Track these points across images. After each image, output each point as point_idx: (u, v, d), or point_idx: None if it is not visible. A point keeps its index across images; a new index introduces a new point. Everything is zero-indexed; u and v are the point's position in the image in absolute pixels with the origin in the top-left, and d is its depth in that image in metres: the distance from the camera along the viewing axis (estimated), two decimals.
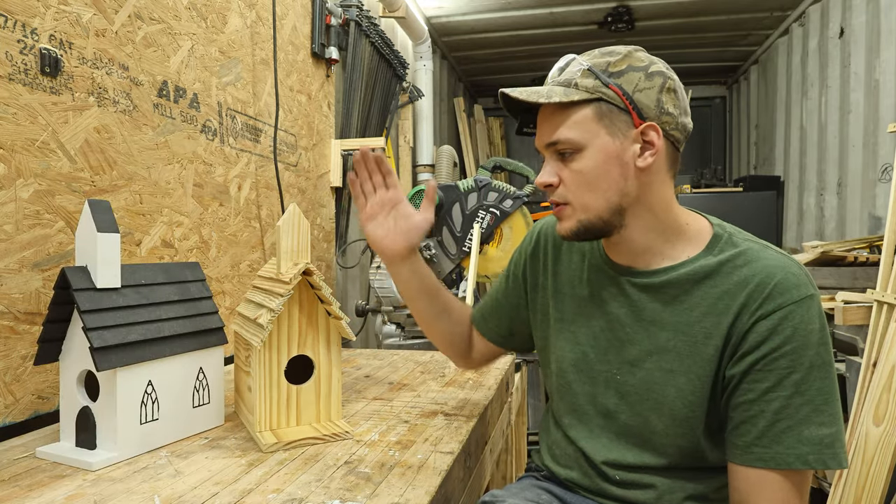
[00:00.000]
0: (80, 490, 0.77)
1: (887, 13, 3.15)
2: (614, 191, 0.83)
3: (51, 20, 1.09)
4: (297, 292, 0.98)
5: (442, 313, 1.08)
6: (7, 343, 1.02)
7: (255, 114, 1.83)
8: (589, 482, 0.93)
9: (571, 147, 0.83)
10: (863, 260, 2.64)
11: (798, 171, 4.31)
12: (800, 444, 0.74)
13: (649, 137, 0.82)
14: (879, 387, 1.75)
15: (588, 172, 0.83)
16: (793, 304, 0.76)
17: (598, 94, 0.81)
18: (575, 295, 0.96)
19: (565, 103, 0.82)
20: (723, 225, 0.88)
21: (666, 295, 0.85)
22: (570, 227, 0.86)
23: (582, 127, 0.82)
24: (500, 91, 0.85)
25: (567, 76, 0.84)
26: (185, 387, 0.97)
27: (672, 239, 0.87)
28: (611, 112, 0.81)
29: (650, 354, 0.86)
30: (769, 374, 0.76)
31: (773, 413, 0.76)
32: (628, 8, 4.28)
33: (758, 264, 0.80)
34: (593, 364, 0.92)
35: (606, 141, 0.82)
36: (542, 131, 0.87)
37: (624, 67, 0.82)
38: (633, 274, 0.88)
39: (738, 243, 0.84)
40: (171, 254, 1.42)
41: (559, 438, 0.99)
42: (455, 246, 2.16)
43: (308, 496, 0.75)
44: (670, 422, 0.84)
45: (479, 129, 5.98)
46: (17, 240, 1.03)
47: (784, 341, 0.76)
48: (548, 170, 0.86)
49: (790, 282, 0.78)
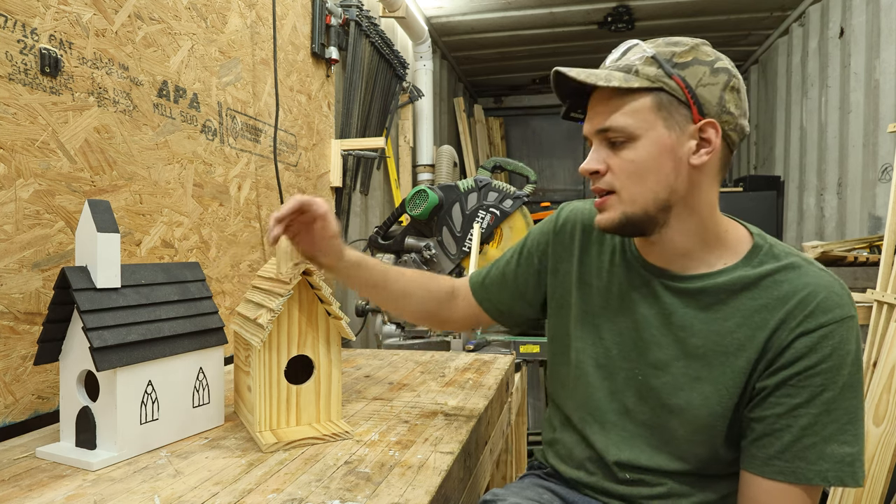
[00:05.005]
0: (80, 490, 0.77)
1: (887, 13, 3.15)
2: (663, 185, 0.80)
3: (51, 20, 1.09)
4: (296, 292, 0.98)
5: (400, 297, 1.06)
6: (7, 343, 1.02)
7: (255, 114, 1.83)
8: (594, 480, 0.92)
9: (625, 135, 0.80)
10: (863, 260, 2.64)
11: (798, 171, 4.30)
12: (821, 460, 0.74)
13: (707, 135, 0.80)
14: (879, 387, 1.75)
15: (640, 163, 0.79)
16: (835, 324, 0.76)
17: (659, 83, 0.78)
18: (602, 288, 0.94)
19: (623, 89, 0.79)
20: (763, 235, 0.86)
21: (700, 302, 0.84)
22: (613, 218, 0.82)
23: (638, 116, 0.79)
24: (555, 69, 0.81)
25: (628, 61, 0.80)
26: (185, 387, 0.97)
27: (711, 245, 0.85)
28: (670, 104, 0.79)
29: (677, 360, 0.84)
30: (802, 391, 0.76)
31: (801, 429, 0.75)
32: (628, 8, 4.28)
33: (801, 280, 0.79)
34: (615, 361, 0.90)
35: (662, 133, 0.79)
36: (593, 116, 0.83)
37: (689, 59, 0.79)
38: (668, 277, 0.87)
39: (780, 256, 0.82)
40: (171, 254, 1.42)
41: (566, 435, 0.98)
42: (455, 246, 2.16)
43: (308, 496, 0.75)
44: (691, 428, 0.83)
45: (479, 129, 5.98)
46: (17, 240, 1.03)
47: (821, 360, 0.75)
48: (594, 157, 0.82)
49: (833, 301, 0.77)
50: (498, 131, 6.50)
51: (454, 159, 4.10)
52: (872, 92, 3.29)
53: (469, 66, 5.68)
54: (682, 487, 0.86)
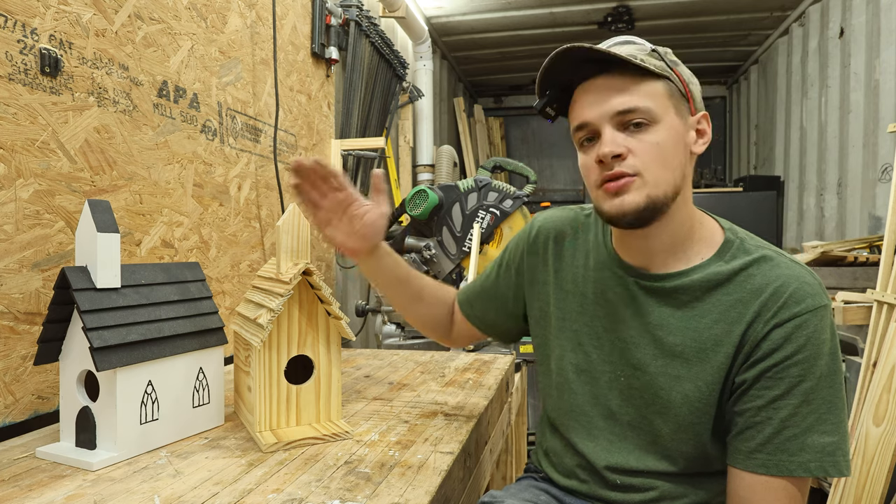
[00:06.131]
0: (80, 490, 0.77)
1: (887, 13, 3.15)
2: (679, 172, 0.81)
3: (51, 20, 1.09)
4: (296, 292, 0.98)
5: (415, 299, 1.07)
6: (7, 343, 1.02)
7: (255, 114, 1.83)
8: (587, 488, 0.92)
9: (649, 117, 0.79)
10: (863, 260, 2.64)
11: (798, 171, 4.31)
12: (803, 451, 0.74)
13: (702, 127, 0.84)
14: (879, 387, 1.75)
15: (663, 146, 0.79)
16: (808, 314, 0.76)
17: (667, 73, 0.81)
18: (578, 293, 0.94)
19: (639, 74, 0.79)
20: (734, 229, 0.87)
21: (676, 301, 0.84)
22: (637, 201, 0.79)
23: (657, 100, 0.80)
24: (569, 46, 0.78)
25: (630, 52, 0.80)
26: (185, 387, 0.97)
27: (691, 237, 0.86)
28: (677, 93, 0.82)
29: (656, 359, 0.85)
30: (780, 382, 0.76)
31: (780, 421, 0.75)
32: (628, 8, 4.28)
33: (772, 273, 0.80)
34: (596, 365, 0.91)
35: (675, 120, 0.81)
36: (605, 99, 0.80)
37: (676, 59, 0.84)
38: (644, 277, 0.87)
39: (751, 250, 0.83)
40: (171, 254, 1.42)
41: (556, 444, 0.98)
42: (455, 246, 2.16)
43: (308, 496, 0.75)
44: (676, 427, 0.83)
45: (479, 129, 5.98)
46: (17, 240, 1.03)
47: (797, 350, 0.76)
48: (612, 140, 0.79)
49: (805, 291, 0.77)
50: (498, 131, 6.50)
51: (454, 159, 4.10)
52: (872, 92, 3.29)
53: (469, 66, 5.68)
54: (674, 489, 0.86)
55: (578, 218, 1.00)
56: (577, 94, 0.84)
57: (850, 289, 2.39)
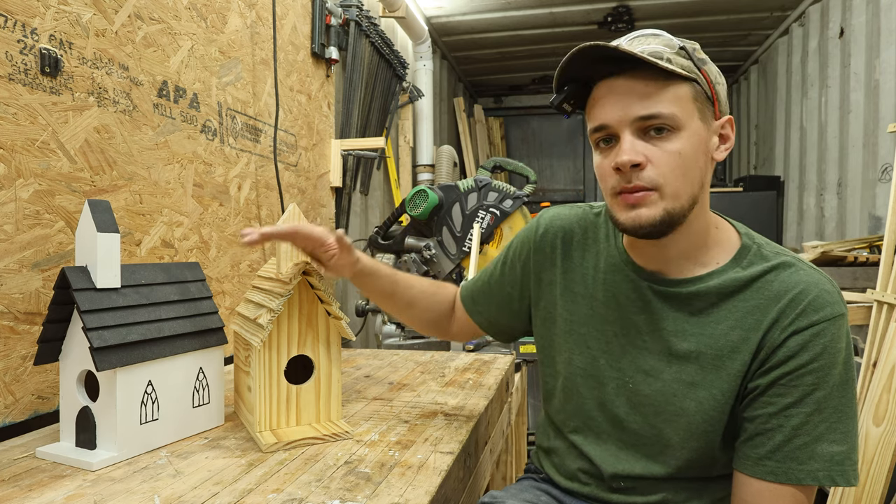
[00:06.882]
0: (80, 490, 0.77)
1: (887, 13, 3.15)
2: (699, 181, 0.77)
3: (51, 20, 1.09)
4: (296, 292, 0.98)
5: (406, 307, 1.06)
6: (7, 343, 1.02)
7: (255, 114, 1.83)
8: (588, 490, 0.91)
9: (673, 124, 0.74)
10: (863, 260, 2.64)
11: (798, 171, 4.31)
12: (812, 460, 0.74)
13: (726, 132, 0.79)
14: (879, 387, 1.75)
15: (685, 155, 0.75)
16: (826, 322, 0.75)
17: (694, 74, 0.76)
18: (587, 296, 0.92)
19: (664, 76, 0.74)
20: (750, 234, 0.86)
21: (692, 307, 0.82)
22: (655, 216, 0.75)
23: (682, 104, 0.75)
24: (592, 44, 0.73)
25: (654, 49, 0.75)
26: (185, 387, 0.97)
27: (708, 242, 0.83)
28: (702, 96, 0.77)
29: (669, 365, 0.83)
30: (793, 390, 0.75)
31: (792, 429, 0.75)
32: (628, 8, 4.28)
33: (792, 279, 0.78)
34: (603, 370, 0.89)
35: (699, 125, 0.76)
36: (627, 103, 0.75)
37: (705, 57, 0.78)
38: (658, 282, 0.85)
39: (769, 256, 0.81)
40: (171, 254, 1.42)
41: (560, 445, 0.97)
42: (455, 246, 2.16)
43: (308, 496, 0.75)
44: (687, 434, 0.82)
45: (479, 129, 5.98)
46: (17, 240, 1.03)
47: (813, 358, 0.75)
48: (630, 148, 0.75)
49: (825, 299, 0.76)
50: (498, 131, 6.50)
51: (454, 159, 4.11)
52: (872, 92, 3.29)
53: (469, 66, 5.68)
54: (677, 495, 0.85)
55: (587, 217, 0.97)
56: (597, 92, 0.79)
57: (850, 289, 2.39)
